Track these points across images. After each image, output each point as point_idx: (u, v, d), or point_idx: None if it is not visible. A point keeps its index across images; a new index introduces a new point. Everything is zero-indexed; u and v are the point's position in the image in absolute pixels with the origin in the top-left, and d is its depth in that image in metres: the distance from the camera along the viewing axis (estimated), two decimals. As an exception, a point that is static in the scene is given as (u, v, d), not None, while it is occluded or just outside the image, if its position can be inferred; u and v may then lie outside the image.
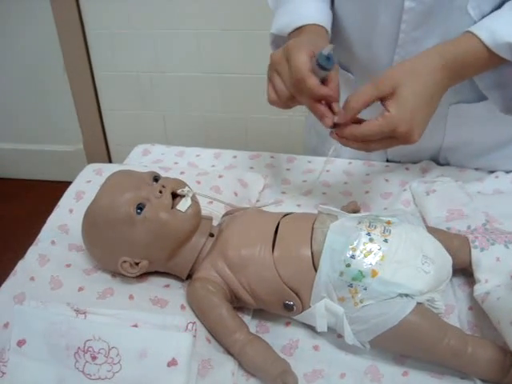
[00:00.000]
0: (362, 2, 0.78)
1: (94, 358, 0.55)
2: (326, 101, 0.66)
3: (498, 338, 0.59)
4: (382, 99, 0.65)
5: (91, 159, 2.13)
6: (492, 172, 0.88)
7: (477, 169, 0.90)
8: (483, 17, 0.70)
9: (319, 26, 0.77)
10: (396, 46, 0.77)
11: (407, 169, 0.91)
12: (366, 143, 0.66)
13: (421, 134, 0.65)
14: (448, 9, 0.71)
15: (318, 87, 0.64)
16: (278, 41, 0.84)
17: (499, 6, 0.70)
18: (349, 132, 0.65)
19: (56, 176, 2.17)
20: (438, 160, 0.92)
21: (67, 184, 0.86)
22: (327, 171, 0.90)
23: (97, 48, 1.91)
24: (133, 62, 1.91)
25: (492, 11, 0.70)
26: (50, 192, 1.09)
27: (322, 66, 0.63)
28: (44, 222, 0.79)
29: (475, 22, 0.70)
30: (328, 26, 0.79)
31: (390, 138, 0.64)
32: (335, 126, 0.66)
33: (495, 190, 0.85)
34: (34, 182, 2.28)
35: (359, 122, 0.65)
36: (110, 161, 2.20)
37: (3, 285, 0.68)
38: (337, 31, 0.86)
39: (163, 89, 1.96)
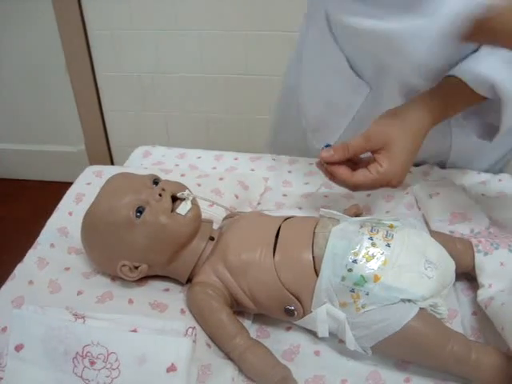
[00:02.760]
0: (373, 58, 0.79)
1: (92, 363, 0.54)
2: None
3: (501, 344, 0.58)
4: (373, 152, 0.68)
5: (93, 160, 2.13)
6: (496, 174, 0.87)
7: (479, 172, 0.89)
8: None
9: None
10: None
11: (410, 171, 0.90)
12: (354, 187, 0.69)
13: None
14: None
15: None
16: None
17: None
18: (340, 178, 0.69)
19: (58, 177, 2.17)
20: (445, 165, 0.91)
21: (69, 185, 0.85)
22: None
23: (99, 49, 1.90)
24: (135, 62, 1.91)
25: None
26: (52, 193, 1.08)
27: None
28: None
29: None
30: None
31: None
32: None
33: (499, 192, 0.84)
34: (35, 183, 2.28)
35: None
36: (112, 161, 2.20)
37: (1, 289, 0.67)
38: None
39: (165, 90, 1.95)
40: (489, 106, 0.70)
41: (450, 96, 0.69)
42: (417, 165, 0.91)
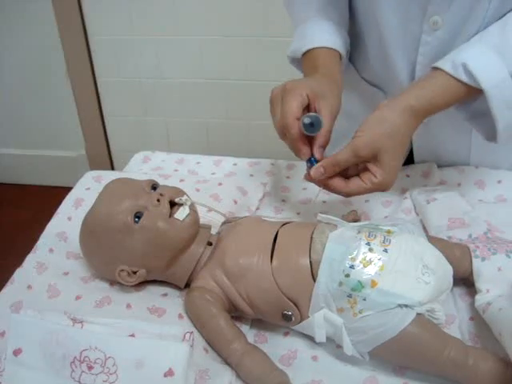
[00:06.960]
0: (379, 30, 0.78)
1: (90, 367, 0.54)
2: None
3: (499, 350, 0.58)
4: (363, 162, 0.68)
5: (94, 165, 2.14)
6: (494, 170, 0.87)
7: (476, 166, 0.89)
8: None
9: (332, 49, 0.77)
10: (415, 72, 0.78)
11: (408, 176, 0.90)
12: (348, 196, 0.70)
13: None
14: (463, 41, 0.71)
15: (297, 141, 0.68)
16: (295, 62, 0.85)
17: None
18: (335, 188, 0.69)
19: (58, 181, 2.18)
20: (469, 162, 0.91)
21: (69, 189, 0.86)
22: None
23: (99, 54, 1.91)
24: (135, 68, 1.92)
25: None
26: (53, 198, 1.09)
27: (306, 131, 0.68)
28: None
29: None
30: (342, 49, 0.79)
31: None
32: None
33: (498, 197, 0.84)
34: (36, 188, 2.29)
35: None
36: (112, 166, 2.20)
37: (0, 293, 0.67)
38: (357, 46, 0.85)
39: (165, 95, 1.96)
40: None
41: (436, 92, 0.68)
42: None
